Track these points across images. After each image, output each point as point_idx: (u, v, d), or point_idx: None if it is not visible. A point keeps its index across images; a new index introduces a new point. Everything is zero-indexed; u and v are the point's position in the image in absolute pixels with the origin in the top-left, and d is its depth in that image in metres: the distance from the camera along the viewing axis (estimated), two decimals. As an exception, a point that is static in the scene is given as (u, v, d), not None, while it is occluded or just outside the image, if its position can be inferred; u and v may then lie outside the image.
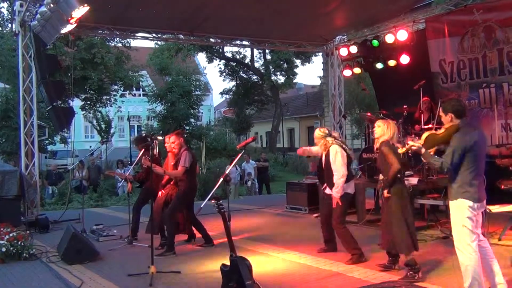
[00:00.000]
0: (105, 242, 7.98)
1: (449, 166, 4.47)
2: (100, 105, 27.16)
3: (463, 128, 4.58)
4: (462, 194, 4.50)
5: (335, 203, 6.35)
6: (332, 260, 6.46)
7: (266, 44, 13.68)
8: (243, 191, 17.89)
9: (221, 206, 4.95)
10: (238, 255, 4.88)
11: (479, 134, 4.65)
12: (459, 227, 4.52)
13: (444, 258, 6.26)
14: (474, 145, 4.51)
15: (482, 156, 4.61)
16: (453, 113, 4.61)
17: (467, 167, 4.49)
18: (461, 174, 4.51)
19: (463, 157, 4.46)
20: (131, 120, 33.58)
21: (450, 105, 4.66)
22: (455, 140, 4.51)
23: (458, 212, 4.52)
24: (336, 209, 6.40)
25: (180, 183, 7.27)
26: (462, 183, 4.51)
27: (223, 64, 36.85)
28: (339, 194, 6.32)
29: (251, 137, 5.96)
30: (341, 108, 13.65)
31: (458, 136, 4.52)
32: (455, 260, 4.74)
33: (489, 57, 9.68)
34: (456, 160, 4.45)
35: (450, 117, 4.62)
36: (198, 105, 29.61)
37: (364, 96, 23.31)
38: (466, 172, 4.50)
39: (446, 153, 4.52)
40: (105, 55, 24.01)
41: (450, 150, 4.49)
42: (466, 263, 4.49)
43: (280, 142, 40.77)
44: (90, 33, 12.82)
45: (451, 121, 4.62)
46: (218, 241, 7.65)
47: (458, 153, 4.45)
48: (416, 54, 10.72)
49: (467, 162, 4.48)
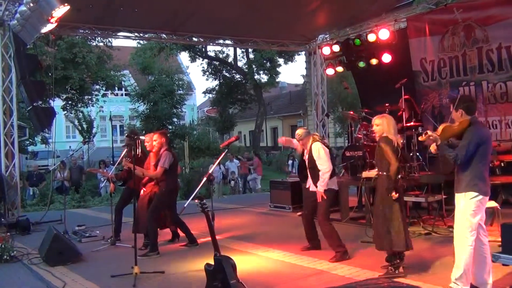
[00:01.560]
0: (87, 243, 7.91)
1: (463, 158, 4.52)
2: (82, 105, 26.94)
3: (475, 123, 4.66)
4: (473, 187, 4.56)
5: (320, 197, 6.39)
6: (316, 258, 6.49)
7: (249, 43, 13.68)
8: (227, 190, 17.88)
9: (205, 206, 4.94)
10: (222, 254, 4.88)
11: (488, 131, 4.74)
12: (464, 219, 4.58)
13: (426, 255, 6.33)
14: (487, 139, 4.63)
15: (490, 152, 4.73)
16: (463, 109, 4.69)
17: (479, 160, 4.57)
18: (473, 167, 4.57)
19: (476, 150, 4.53)
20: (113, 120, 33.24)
21: (461, 101, 4.74)
22: (469, 133, 4.58)
23: (466, 204, 4.57)
24: (321, 205, 6.43)
25: (160, 183, 7.24)
26: (474, 176, 4.57)
27: (206, 63, 36.70)
28: (324, 187, 6.37)
29: (234, 136, 5.97)
30: (324, 107, 13.71)
31: (472, 130, 4.59)
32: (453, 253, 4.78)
33: (469, 56, 9.81)
34: (470, 152, 4.52)
35: (461, 113, 4.69)
36: (181, 105, 29.57)
37: (346, 95, 23.45)
38: (479, 165, 4.57)
39: (460, 146, 4.58)
40: (86, 54, 23.81)
41: (465, 142, 4.55)
42: (462, 255, 4.55)
43: (264, 141, 40.81)
44: (71, 33, 12.67)
45: (462, 117, 4.69)
46: (202, 241, 7.63)
47: (473, 146, 4.52)
48: (398, 53, 10.82)
49: (480, 155, 4.56)
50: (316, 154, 6.43)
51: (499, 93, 9.40)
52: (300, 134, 6.65)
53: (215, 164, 7.21)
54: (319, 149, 6.46)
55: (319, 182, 6.40)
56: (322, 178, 6.37)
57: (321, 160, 6.39)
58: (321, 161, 6.39)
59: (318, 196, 6.42)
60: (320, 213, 6.48)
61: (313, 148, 6.50)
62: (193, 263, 6.51)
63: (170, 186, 7.25)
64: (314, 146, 6.52)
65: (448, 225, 7.62)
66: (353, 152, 9.47)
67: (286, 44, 13.86)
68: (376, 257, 5.95)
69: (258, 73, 34.70)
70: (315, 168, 6.47)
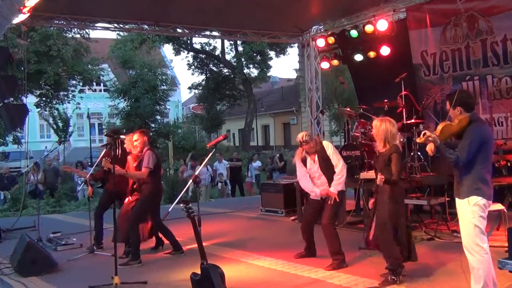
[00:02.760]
0: (63, 252, 7.86)
1: (464, 160, 4.48)
2: (57, 102, 26.78)
3: (475, 121, 4.62)
4: (475, 191, 4.52)
5: (333, 199, 6.42)
6: (311, 266, 6.49)
7: (237, 35, 13.66)
8: (215, 193, 17.86)
9: (191, 210, 4.92)
10: (210, 263, 4.86)
11: (490, 128, 4.71)
12: (470, 227, 4.53)
13: (429, 261, 6.35)
14: (489, 137, 4.60)
15: (492, 152, 4.70)
16: (461, 106, 4.64)
17: (481, 162, 4.53)
18: (474, 170, 4.53)
19: (477, 151, 4.50)
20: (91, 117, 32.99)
21: (459, 97, 4.66)
22: (470, 132, 4.53)
23: (470, 210, 4.53)
24: (331, 207, 6.47)
25: (143, 186, 7.20)
26: (475, 179, 4.53)
27: (192, 57, 36.66)
28: (340, 187, 6.45)
29: (223, 135, 5.96)
30: (318, 103, 13.72)
31: (472, 128, 4.54)
32: (463, 261, 4.77)
33: (473, 48, 9.85)
34: (472, 153, 4.47)
35: (459, 111, 4.64)
36: (165, 101, 29.50)
37: (342, 90, 23.51)
38: (479, 167, 4.53)
39: (460, 146, 4.53)
40: (61, 47, 23.66)
41: (465, 143, 4.50)
42: (477, 266, 4.50)
43: (254, 140, 40.83)
44: (45, 23, 12.56)
45: (460, 115, 4.64)
46: (187, 248, 7.60)
47: (475, 146, 4.48)
48: (397, 45, 10.85)
49: (481, 156, 4.52)
50: (331, 151, 6.56)
51: (504, 88, 9.45)
52: (306, 138, 6.62)
53: (202, 165, 7.19)
54: (332, 146, 6.65)
55: (335, 182, 6.47)
56: (339, 175, 6.46)
57: (338, 156, 6.57)
58: (338, 157, 6.56)
59: (331, 199, 6.45)
60: (326, 216, 6.48)
61: (326, 145, 6.63)
62: (178, 272, 6.47)
63: (153, 189, 7.22)
64: (326, 143, 6.68)
65: (452, 230, 7.65)
66: (350, 152, 9.48)
67: (277, 36, 13.86)
68: (375, 265, 5.97)
69: (247, 67, 34.75)
70: (330, 169, 6.54)
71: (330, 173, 6.56)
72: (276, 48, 34.23)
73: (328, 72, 18.56)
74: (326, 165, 6.57)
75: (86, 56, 26.49)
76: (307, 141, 6.62)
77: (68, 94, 26.84)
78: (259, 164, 19.76)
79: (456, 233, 6.96)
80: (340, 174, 6.48)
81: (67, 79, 26.12)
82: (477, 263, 4.51)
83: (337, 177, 6.47)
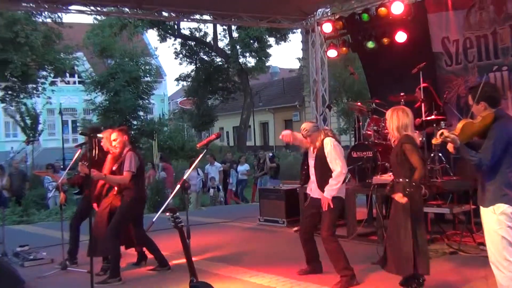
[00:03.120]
0: (32, 268, 7.84)
1: (488, 163, 4.48)
2: (25, 96, 26.77)
3: (501, 118, 4.62)
4: (502, 197, 4.52)
5: (326, 205, 6.36)
6: (317, 283, 6.48)
7: (231, 18, 13.65)
8: (206, 201, 17.86)
9: (178, 220, 4.91)
10: (200, 280, 4.86)
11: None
12: (497, 239, 4.53)
13: (452, 278, 6.36)
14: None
15: None
16: (486, 101, 4.65)
17: (508, 165, 4.53)
18: (500, 173, 4.53)
19: (504, 152, 4.49)
20: (64, 113, 33.11)
21: (483, 91, 4.66)
22: (494, 131, 4.53)
23: (496, 220, 4.53)
24: (326, 217, 6.41)
25: (124, 192, 7.19)
26: (501, 184, 4.53)
27: (179, 44, 36.68)
28: (333, 194, 6.35)
29: (215, 133, 5.93)
30: (325, 97, 13.73)
31: (498, 126, 4.54)
32: (489, 279, 4.77)
33: (500, 35, 9.86)
34: (496, 154, 4.47)
35: (484, 106, 4.65)
36: (149, 95, 29.52)
37: (352, 82, 23.55)
38: (506, 170, 4.53)
39: (484, 147, 4.53)
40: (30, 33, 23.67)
41: (489, 143, 4.50)
42: (506, 284, 4.51)
43: (251, 139, 40.87)
44: (12, 7, 12.57)
45: (484, 111, 4.64)
46: (174, 263, 7.60)
47: (500, 146, 4.48)
48: (415, 31, 10.85)
49: (508, 158, 4.52)
50: (330, 152, 6.42)
51: (537, 80, 9.48)
52: (308, 128, 6.58)
53: (191, 168, 7.17)
54: (334, 145, 6.45)
55: (328, 187, 6.37)
56: (334, 182, 6.35)
57: (336, 160, 6.40)
58: (336, 161, 6.39)
59: (324, 204, 6.39)
60: (324, 227, 6.44)
61: (326, 144, 6.47)
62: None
63: (135, 196, 7.20)
64: (327, 141, 6.49)
65: (478, 242, 7.66)
66: (361, 153, 9.49)
67: (277, 20, 13.86)
68: (390, 282, 5.96)
69: (243, 55, 34.76)
70: (324, 169, 6.45)
71: (322, 175, 6.49)
72: (276, 34, 34.24)
73: (336, 62, 18.57)
74: (320, 164, 6.50)
75: (58, 44, 26.50)
76: (304, 136, 6.59)
77: (37, 86, 26.84)
78: (247, 167, 19.39)
79: (483, 246, 6.93)
80: (335, 181, 6.36)
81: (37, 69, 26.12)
82: (506, 280, 4.51)
83: (331, 182, 6.37)
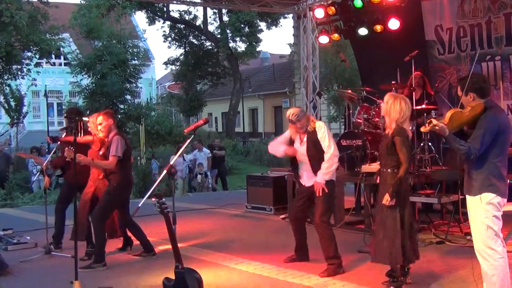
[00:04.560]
0: (15, 252, 7.84)
1: (477, 152, 4.54)
2: (9, 77, 26.50)
3: (491, 108, 4.67)
4: (488, 187, 4.59)
5: (320, 190, 6.36)
6: (303, 271, 6.53)
7: (222, 2, 13.60)
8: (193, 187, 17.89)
9: (164, 206, 4.94)
10: (186, 267, 4.89)
11: (507, 118, 4.75)
12: (483, 228, 4.61)
13: (438, 268, 6.44)
14: (506, 127, 4.65)
15: (509, 144, 4.73)
16: (475, 92, 4.70)
17: (496, 155, 4.60)
18: (489, 163, 4.60)
19: (493, 142, 4.56)
20: (49, 96, 32.80)
21: (471, 82, 4.71)
22: (484, 120, 4.59)
23: (482, 209, 4.61)
24: (321, 202, 6.42)
25: (111, 176, 7.18)
26: (489, 174, 4.60)
27: (168, 27, 36.49)
28: (327, 177, 6.37)
29: (203, 118, 5.94)
30: (315, 84, 13.74)
31: (487, 116, 4.60)
32: (475, 268, 4.85)
33: (495, 24, 9.89)
34: (486, 144, 4.53)
35: (472, 97, 4.70)
36: (136, 78, 29.32)
37: (344, 69, 23.52)
38: (495, 160, 4.60)
39: (473, 136, 4.59)
40: (15, 12, 23.36)
41: (479, 132, 4.56)
42: (491, 272, 4.58)
43: (240, 125, 40.83)
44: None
45: (473, 101, 4.69)
46: (160, 249, 7.63)
47: (489, 135, 4.54)
48: (408, 18, 10.84)
49: (497, 148, 4.59)
50: (324, 134, 6.44)
51: (530, 70, 9.54)
52: (297, 113, 6.55)
53: (178, 153, 7.18)
54: (326, 128, 6.53)
55: (322, 171, 6.37)
56: (327, 164, 6.35)
57: (330, 141, 6.43)
58: (330, 143, 6.42)
59: (318, 189, 6.40)
60: (318, 212, 6.43)
61: (319, 128, 6.49)
62: (149, 277, 6.49)
63: (122, 181, 7.20)
64: (320, 125, 6.53)
65: (465, 232, 7.74)
66: (350, 141, 9.52)
67: (269, 4, 13.83)
68: (376, 271, 6.03)
69: (233, 40, 34.63)
70: (318, 154, 6.46)
71: (318, 160, 6.48)
72: (267, 19, 34.13)
73: (327, 48, 18.55)
74: (314, 150, 6.49)
75: (44, 24, 26.18)
76: (293, 121, 6.54)
77: (22, 68, 26.56)
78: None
79: (470, 236, 7.02)
80: (328, 162, 6.37)
81: (21, 50, 25.82)
82: (491, 268, 4.59)
83: (325, 165, 6.37)
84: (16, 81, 27.40)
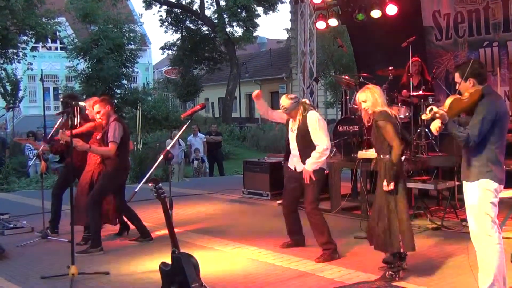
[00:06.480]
0: (12, 236, 7.85)
1: (476, 139, 4.53)
2: (5, 61, 26.39)
3: (489, 95, 4.67)
4: (486, 173, 4.60)
5: (308, 178, 6.37)
6: (299, 257, 6.55)
7: (219, -14, 13.49)
8: (190, 172, 17.88)
9: (161, 191, 4.93)
10: (182, 251, 4.89)
11: (505, 104, 4.76)
12: (480, 214, 4.62)
13: (434, 254, 6.47)
14: (504, 114, 4.65)
15: (507, 130, 4.74)
16: (474, 78, 4.68)
17: (494, 141, 4.60)
18: (486, 150, 4.60)
19: (491, 128, 4.56)
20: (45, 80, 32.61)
21: (471, 69, 4.69)
22: (483, 107, 4.58)
23: (480, 195, 4.62)
24: (310, 189, 6.44)
25: (107, 161, 7.17)
26: (487, 160, 4.60)
27: (165, 11, 36.25)
28: (315, 166, 6.36)
29: (200, 104, 5.93)
30: (312, 69, 13.69)
31: (485, 102, 4.59)
32: (471, 255, 4.86)
33: (492, 9, 9.86)
34: (484, 131, 4.53)
35: (472, 83, 4.69)
36: (133, 63, 29.16)
37: (341, 55, 23.52)
38: (493, 146, 4.61)
39: (472, 123, 4.58)
40: (10, -5, 23.22)
41: (477, 118, 4.55)
42: (487, 259, 4.60)
43: (237, 110, 40.78)
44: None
45: (472, 88, 4.68)
46: (157, 234, 7.65)
47: (487, 122, 4.53)
48: (406, 4, 10.80)
49: (495, 135, 4.59)
50: (314, 126, 6.38)
51: (528, 56, 9.53)
52: (286, 106, 6.50)
53: (175, 138, 7.17)
54: (318, 119, 6.42)
55: (310, 159, 6.35)
56: (317, 155, 6.32)
57: (320, 134, 6.36)
58: (320, 135, 6.35)
59: (306, 177, 6.41)
60: (308, 200, 6.48)
61: (310, 118, 6.42)
62: (146, 262, 6.51)
63: (118, 166, 7.18)
64: (311, 115, 6.45)
65: (461, 219, 7.76)
66: (347, 127, 9.52)
67: (266, -11, 13.72)
68: (372, 256, 6.04)
69: (230, 25, 34.46)
70: (306, 143, 6.43)
71: (305, 148, 6.45)
72: (265, 4, 33.97)
73: (325, 34, 18.46)
74: (303, 139, 6.47)
75: (39, 8, 26.03)
76: (286, 108, 6.50)
77: (18, 52, 26.43)
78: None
79: (466, 223, 7.03)
80: (319, 153, 6.33)
81: (17, 34, 25.70)
82: (487, 255, 4.60)
83: (315, 154, 6.33)
84: (12, 65, 27.30)
